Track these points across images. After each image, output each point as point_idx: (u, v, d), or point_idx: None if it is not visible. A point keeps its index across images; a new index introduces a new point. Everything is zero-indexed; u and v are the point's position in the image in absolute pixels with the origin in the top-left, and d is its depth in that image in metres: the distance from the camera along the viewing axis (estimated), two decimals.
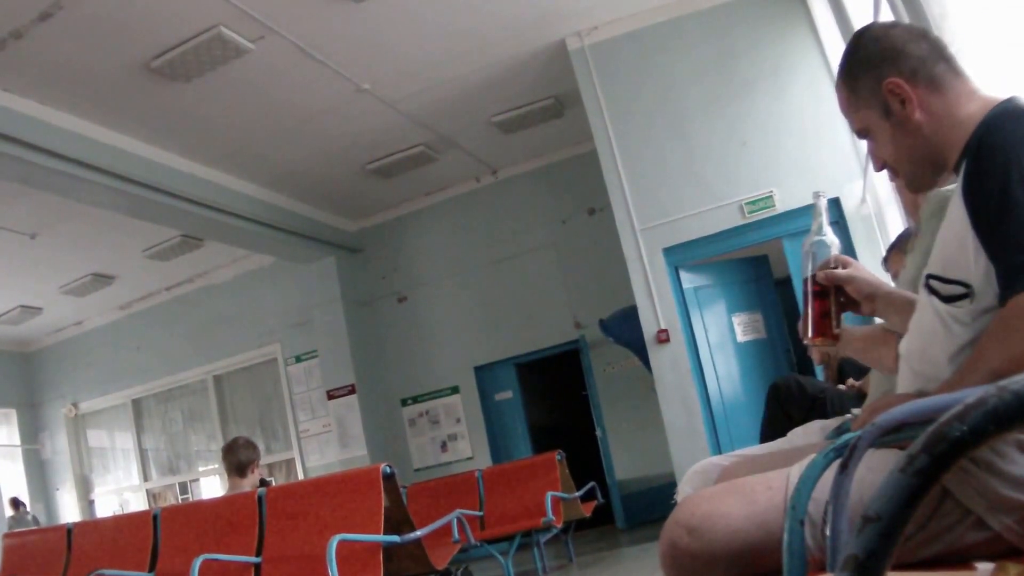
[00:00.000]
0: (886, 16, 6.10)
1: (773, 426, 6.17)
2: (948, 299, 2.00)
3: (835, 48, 9.58)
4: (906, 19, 5.58)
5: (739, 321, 10.81)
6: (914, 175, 2.31)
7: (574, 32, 11.00)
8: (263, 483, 7.86)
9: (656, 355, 10.21)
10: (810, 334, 2.49)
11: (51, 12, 8.43)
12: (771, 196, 9.95)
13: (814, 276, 2.46)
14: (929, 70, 2.21)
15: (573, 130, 13.18)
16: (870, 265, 9.10)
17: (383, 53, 10.50)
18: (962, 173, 2.00)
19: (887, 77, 2.21)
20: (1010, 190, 1.83)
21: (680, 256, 10.34)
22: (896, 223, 8.71)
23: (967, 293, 1.95)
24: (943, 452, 0.86)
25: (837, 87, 2.42)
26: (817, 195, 2.61)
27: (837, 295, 2.47)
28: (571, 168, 14.32)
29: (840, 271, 2.42)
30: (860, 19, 7.81)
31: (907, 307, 2.31)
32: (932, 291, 2.08)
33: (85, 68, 9.48)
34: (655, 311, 10.21)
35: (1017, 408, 0.83)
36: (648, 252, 10.30)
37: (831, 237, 2.54)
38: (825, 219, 2.56)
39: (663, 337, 10.14)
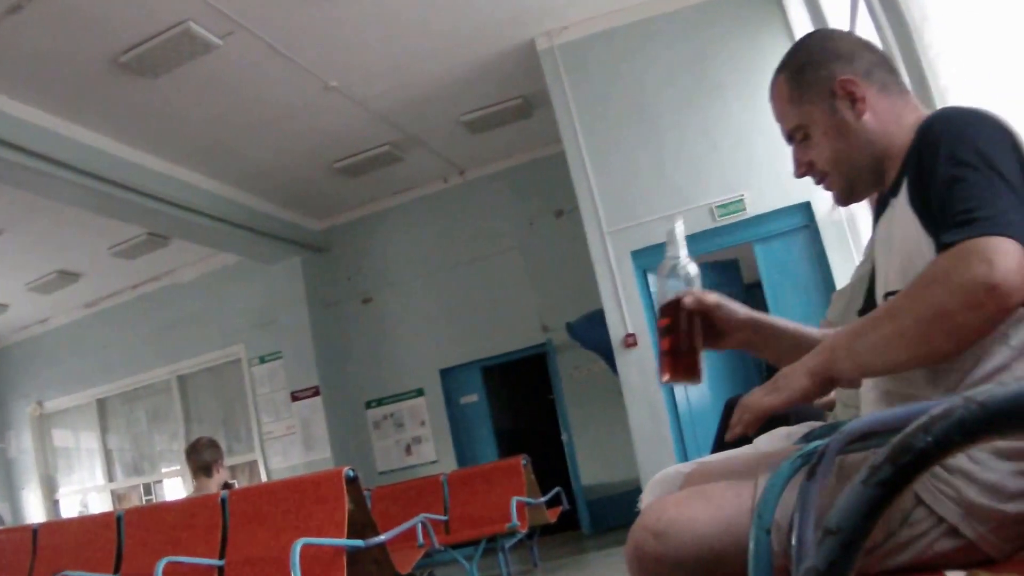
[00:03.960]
0: (864, 19, 6.09)
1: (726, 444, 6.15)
2: None
3: None
4: (886, 23, 5.56)
5: None
6: (849, 181, 2.29)
7: (544, 32, 10.96)
8: (226, 485, 7.83)
9: (623, 359, 10.17)
10: (671, 374, 2.28)
11: (20, 5, 8.31)
12: (742, 199, 9.94)
13: (674, 303, 2.30)
14: (880, 77, 2.23)
15: (541, 131, 13.13)
16: (841, 270, 9.06)
17: (352, 51, 10.45)
18: (905, 183, 2.02)
19: (841, 74, 2.20)
20: (952, 175, 1.84)
21: (649, 259, 10.28)
22: (868, 229, 8.73)
23: None
24: (907, 463, 0.83)
25: (775, 83, 2.41)
26: (674, 222, 2.44)
27: (695, 326, 2.29)
28: (539, 169, 14.31)
29: (707, 296, 2.30)
30: (837, 21, 7.81)
31: (792, 339, 2.28)
32: None
33: (53, 62, 9.37)
34: (622, 315, 10.17)
35: (984, 419, 0.80)
36: (616, 255, 10.27)
37: (692, 266, 2.37)
38: (682, 247, 2.39)
39: (630, 341, 10.10)
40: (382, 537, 6.22)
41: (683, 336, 2.26)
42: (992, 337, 1.79)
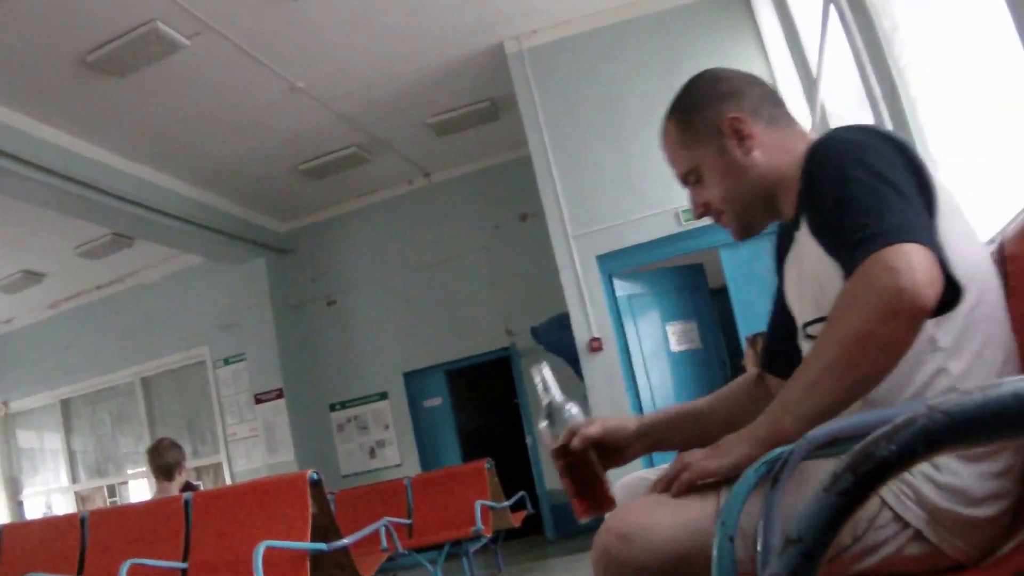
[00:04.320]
0: (835, 26, 6.11)
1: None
2: None
3: (780, 57, 9.61)
4: (857, 33, 5.58)
5: (673, 330, 10.81)
6: (745, 216, 2.31)
7: (513, 35, 10.94)
8: (189, 487, 7.78)
9: (588, 364, 10.16)
10: (585, 510, 2.26)
11: None
12: None
13: (564, 446, 2.29)
14: (768, 111, 2.27)
15: (508, 134, 13.14)
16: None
17: (319, 52, 10.40)
18: (804, 214, 2.07)
19: (728, 113, 2.23)
20: (841, 194, 1.87)
21: (614, 263, 10.30)
22: None
23: None
24: (869, 472, 0.82)
25: (665, 128, 2.43)
26: (538, 368, 2.43)
27: (591, 459, 2.28)
28: (505, 173, 14.31)
29: (589, 429, 2.29)
30: (807, 29, 7.82)
31: (693, 423, 2.31)
32: (812, 338, 2.13)
33: (20, 60, 9.28)
34: (588, 319, 10.16)
35: (947, 429, 0.79)
36: (581, 259, 10.26)
37: (570, 405, 2.37)
38: (555, 389, 2.38)
39: (596, 346, 10.10)
40: (345, 541, 6.20)
41: (583, 473, 2.27)
42: (920, 345, 1.79)
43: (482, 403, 16.67)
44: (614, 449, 2.38)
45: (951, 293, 1.71)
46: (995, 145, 4.17)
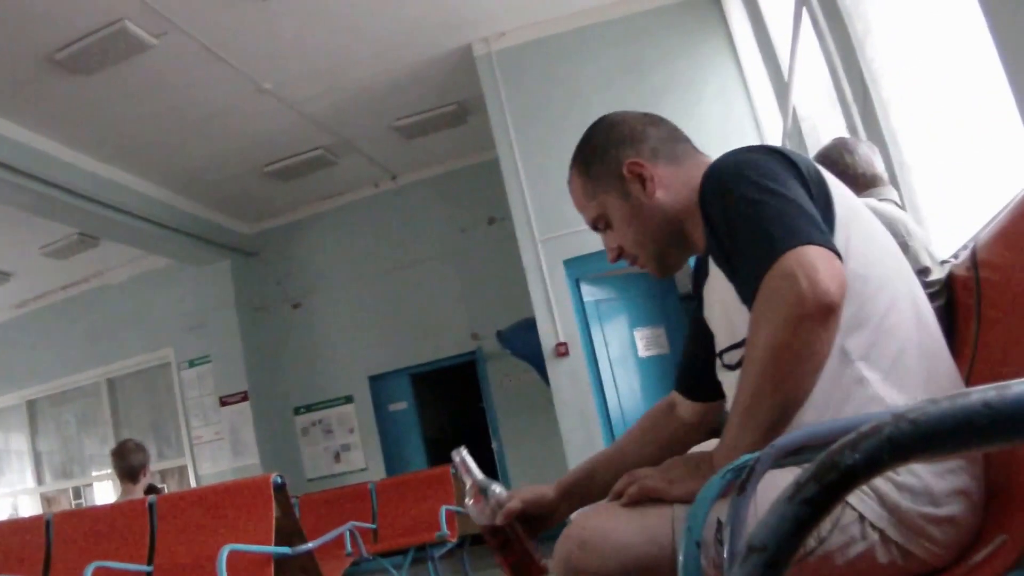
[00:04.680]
0: (807, 29, 6.12)
1: None
2: (740, 363, 1.98)
3: (752, 61, 9.63)
4: (829, 37, 5.58)
5: (641, 336, 10.80)
6: (659, 255, 2.35)
7: (481, 38, 10.94)
8: (152, 490, 7.74)
9: (555, 369, 10.15)
10: None
11: None
12: None
13: (494, 526, 2.33)
14: (669, 149, 2.33)
15: (475, 137, 13.14)
16: None
17: (286, 53, 10.36)
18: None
19: (628, 158, 2.28)
20: (729, 216, 1.93)
21: (581, 268, 10.29)
22: None
23: None
24: (833, 482, 0.80)
25: (571, 179, 2.47)
26: (457, 451, 2.51)
27: (518, 532, 2.33)
28: (472, 176, 14.31)
29: (511, 504, 2.33)
30: (779, 32, 7.82)
31: (614, 474, 2.30)
32: (728, 367, 2.16)
33: None
34: (554, 324, 10.15)
35: (914, 438, 0.77)
36: (548, 263, 10.26)
37: (494, 485, 2.44)
38: (475, 471, 2.47)
39: (562, 350, 10.09)
40: (309, 545, 6.17)
41: (513, 547, 2.31)
42: (832, 358, 1.80)
43: (448, 407, 16.69)
44: (540, 517, 2.41)
45: None
46: (969, 149, 4.18)
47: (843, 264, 1.77)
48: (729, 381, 2.16)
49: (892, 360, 1.89)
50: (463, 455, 2.47)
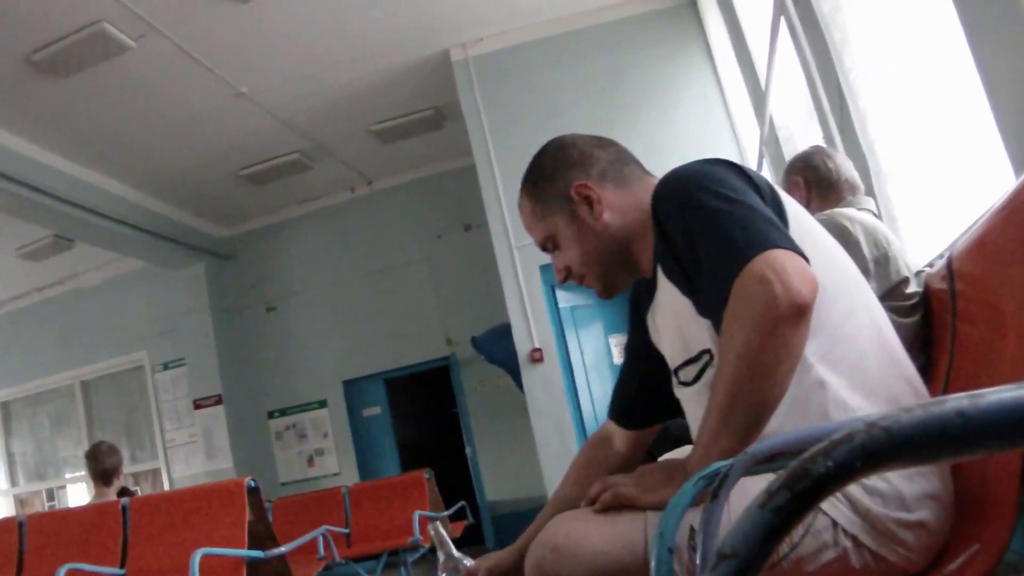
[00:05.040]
0: (785, 38, 6.12)
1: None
2: (698, 377, 2.08)
3: (729, 70, 9.65)
4: (807, 46, 5.58)
5: (616, 342, 10.80)
6: (606, 276, 2.37)
7: (459, 43, 10.93)
8: (126, 492, 7.71)
9: (529, 375, 10.15)
10: None
11: None
12: None
13: None
14: (617, 171, 2.34)
15: (452, 143, 13.13)
16: None
17: (264, 57, 10.33)
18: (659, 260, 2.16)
19: (576, 181, 2.31)
20: (689, 226, 1.95)
21: None
22: None
23: (708, 360, 2.05)
24: (804, 490, 0.79)
25: (520, 201, 2.51)
26: (435, 526, 2.60)
27: None
28: (448, 182, 14.31)
29: (479, 570, 2.48)
30: (757, 41, 7.83)
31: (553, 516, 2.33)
32: (684, 383, 2.17)
33: None
34: (530, 330, 10.15)
35: (887, 445, 0.76)
36: (524, 270, 10.25)
37: (465, 560, 2.56)
38: (450, 547, 2.58)
39: (537, 357, 10.09)
40: (282, 549, 6.15)
41: None
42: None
43: (422, 413, 16.63)
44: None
45: None
46: (944, 158, 4.19)
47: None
48: (686, 396, 2.18)
49: (851, 364, 1.90)
50: (439, 529, 2.57)
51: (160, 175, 12.84)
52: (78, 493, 16.57)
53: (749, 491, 1.27)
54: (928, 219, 4.39)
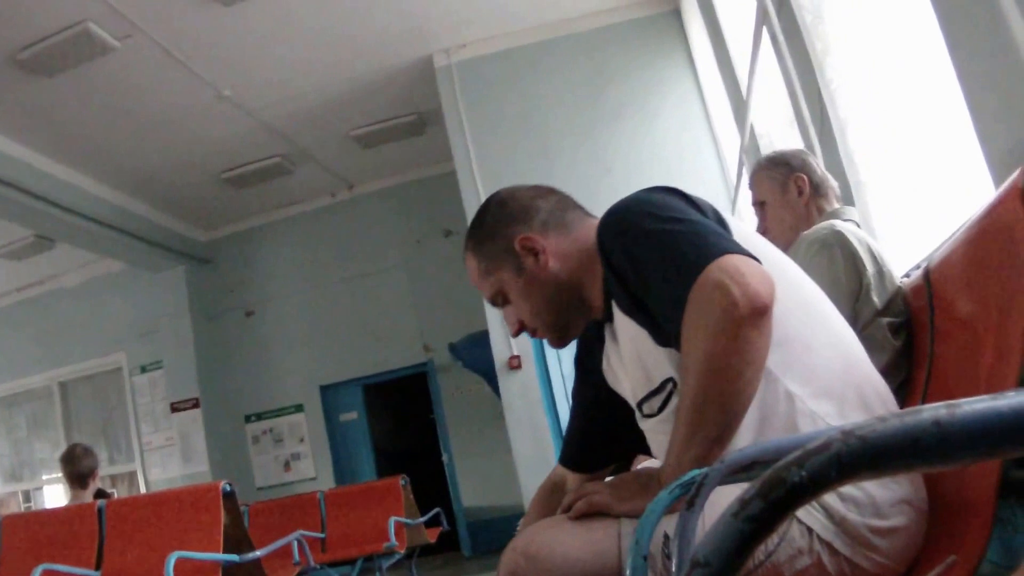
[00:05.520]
0: (767, 47, 6.13)
1: None
2: (663, 407, 2.07)
3: (711, 77, 9.65)
4: (788, 56, 5.59)
5: None
6: (558, 324, 2.37)
7: (442, 49, 10.93)
8: (102, 494, 7.67)
9: (506, 382, 10.14)
10: None
11: None
12: None
13: None
14: (559, 218, 2.35)
15: (433, 149, 13.13)
16: None
17: (247, 60, 10.33)
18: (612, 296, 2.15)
19: (518, 235, 2.31)
20: (636, 252, 1.98)
21: None
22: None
23: (672, 389, 2.04)
24: (778, 498, 0.79)
25: (467, 260, 2.51)
26: None
27: None
28: (429, 188, 14.30)
29: None
30: (739, 49, 7.84)
31: None
32: (648, 416, 2.15)
33: None
34: (507, 337, 10.11)
35: (862, 455, 0.76)
36: None
37: None
38: None
39: (514, 364, 10.08)
40: (257, 553, 6.15)
41: None
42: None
43: (398, 419, 16.64)
44: None
45: None
46: (926, 169, 4.19)
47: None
48: (651, 427, 2.17)
49: (815, 373, 1.91)
50: None
51: (142, 177, 12.80)
52: (55, 495, 16.49)
53: (726, 500, 1.26)
54: (906, 229, 4.39)
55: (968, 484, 1.81)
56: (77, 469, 7.59)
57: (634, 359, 2.12)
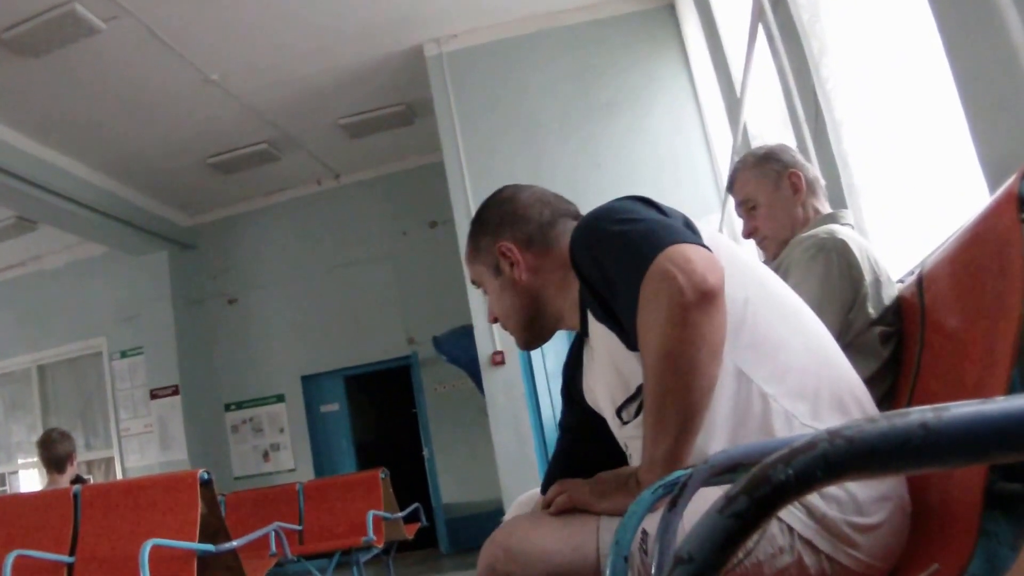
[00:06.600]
0: (763, 45, 6.11)
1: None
2: (639, 412, 2.06)
3: (705, 74, 9.63)
4: (784, 55, 5.57)
5: None
6: (522, 331, 2.47)
7: (433, 38, 10.90)
8: (79, 480, 7.64)
9: (490, 378, 10.12)
10: None
11: None
12: None
13: None
14: (545, 234, 2.40)
15: (421, 139, 13.13)
16: None
17: (236, 44, 10.29)
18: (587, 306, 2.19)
19: (502, 240, 2.40)
20: (596, 256, 2.00)
21: None
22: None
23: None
24: (764, 496, 0.77)
25: (467, 238, 2.58)
26: None
27: None
28: (416, 178, 14.32)
29: None
30: (734, 47, 7.82)
31: None
32: (625, 423, 2.15)
33: None
34: (491, 332, 10.11)
35: (848, 456, 0.74)
36: None
37: None
38: None
39: (498, 359, 10.06)
40: (234, 543, 6.11)
41: None
42: (729, 379, 1.86)
43: (380, 411, 16.67)
44: None
45: None
46: (921, 173, 4.18)
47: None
48: (628, 434, 2.17)
49: (789, 373, 1.91)
50: None
51: (127, 160, 12.76)
52: (31, 479, 16.43)
53: (709, 501, 1.25)
54: (901, 233, 4.38)
55: (954, 494, 1.81)
56: (54, 453, 7.57)
57: (610, 368, 2.14)
